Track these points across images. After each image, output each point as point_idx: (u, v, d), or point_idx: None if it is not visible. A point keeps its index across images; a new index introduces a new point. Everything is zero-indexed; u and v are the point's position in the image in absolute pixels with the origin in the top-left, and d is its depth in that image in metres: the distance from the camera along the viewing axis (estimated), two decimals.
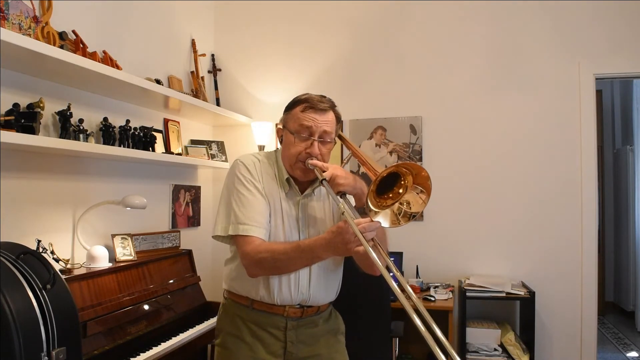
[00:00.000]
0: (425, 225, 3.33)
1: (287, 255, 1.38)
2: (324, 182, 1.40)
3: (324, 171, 1.43)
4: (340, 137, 1.64)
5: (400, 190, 1.32)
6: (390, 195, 1.33)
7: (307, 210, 1.54)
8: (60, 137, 2.09)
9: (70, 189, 2.30)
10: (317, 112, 1.48)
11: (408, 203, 1.32)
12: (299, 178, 1.53)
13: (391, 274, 1.16)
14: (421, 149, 3.36)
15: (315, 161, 1.46)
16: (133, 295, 2.22)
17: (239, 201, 1.47)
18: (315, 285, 1.51)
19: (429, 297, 2.93)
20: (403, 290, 1.12)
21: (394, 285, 1.10)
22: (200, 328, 2.46)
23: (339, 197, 1.37)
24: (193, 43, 3.44)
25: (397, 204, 1.32)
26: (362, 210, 1.34)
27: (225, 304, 1.61)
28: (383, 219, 1.31)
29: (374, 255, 1.17)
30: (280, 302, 1.48)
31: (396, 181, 1.33)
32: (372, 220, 1.27)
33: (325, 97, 1.53)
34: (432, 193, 1.34)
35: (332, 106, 1.53)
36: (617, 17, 3.07)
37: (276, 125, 2.67)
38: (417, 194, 1.31)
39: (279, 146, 1.60)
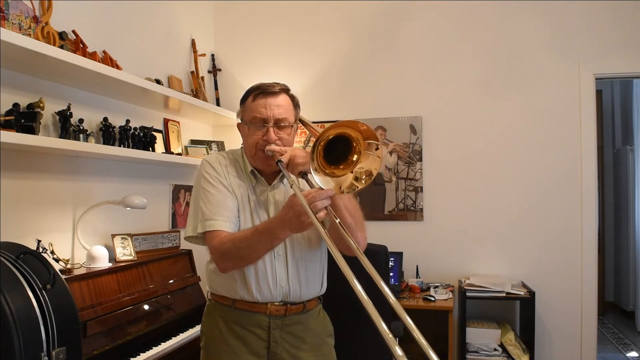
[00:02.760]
0: (425, 225, 3.34)
1: (248, 241, 1.35)
2: (279, 163, 1.39)
3: (282, 155, 1.40)
4: (302, 122, 1.60)
5: (354, 158, 1.24)
6: (342, 166, 1.25)
7: (276, 199, 1.51)
8: (60, 137, 2.09)
9: (70, 189, 2.29)
10: (268, 97, 1.47)
11: (370, 174, 1.23)
12: (262, 168, 1.51)
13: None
14: (421, 149, 3.36)
15: (272, 147, 1.44)
16: (133, 295, 2.22)
17: (205, 199, 1.46)
18: (294, 277, 1.48)
19: (429, 297, 2.93)
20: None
21: (344, 264, 1.04)
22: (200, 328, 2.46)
23: (300, 176, 1.35)
24: (193, 43, 3.44)
25: (349, 179, 1.23)
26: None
27: (208, 305, 1.60)
28: (324, 183, 1.22)
29: (319, 226, 1.13)
30: (260, 298, 1.45)
31: (350, 149, 1.24)
32: (322, 189, 1.21)
33: (278, 83, 1.52)
34: (433, 193, 1.31)
35: (285, 89, 1.51)
36: (617, 17, 3.07)
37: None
38: (374, 151, 1.22)
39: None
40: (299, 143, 3.34)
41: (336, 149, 1.23)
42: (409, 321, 0.97)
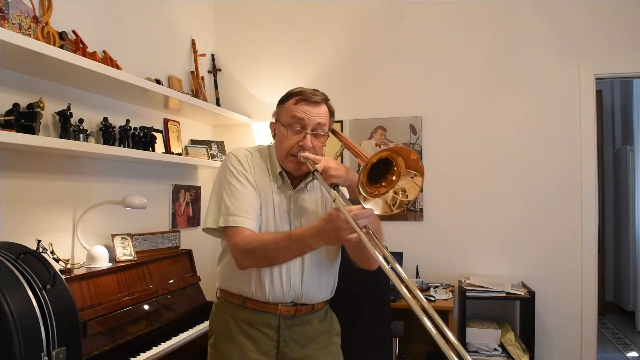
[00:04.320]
0: (425, 225, 3.33)
1: (277, 245, 1.35)
2: (315, 173, 1.39)
3: (316, 164, 1.41)
4: (334, 132, 1.61)
5: (394, 178, 1.27)
6: (384, 183, 1.28)
7: (299, 203, 1.52)
8: (60, 137, 2.09)
9: (70, 189, 2.30)
10: (310, 105, 1.47)
11: (404, 191, 1.27)
12: (292, 171, 1.52)
13: (389, 265, 1.14)
14: (421, 149, 3.36)
15: (307, 154, 1.44)
16: (133, 295, 2.22)
17: (230, 193, 1.45)
18: (308, 281, 1.49)
19: (429, 297, 2.93)
20: (407, 287, 1.10)
21: (393, 276, 1.07)
22: (200, 328, 2.46)
23: (332, 187, 1.36)
24: (193, 43, 3.44)
25: (391, 193, 1.28)
26: (356, 203, 1.31)
27: (217, 303, 1.60)
28: (374, 207, 1.26)
29: (368, 242, 1.14)
30: (272, 299, 1.46)
31: (389, 168, 1.28)
32: (364, 208, 1.23)
33: (318, 90, 1.52)
34: (433, 193, 1.32)
35: (325, 99, 1.52)
36: (617, 17, 3.07)
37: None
38: (411, 178, 1.26)
39: (273, 141, 1.59)
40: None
41: (376, 168, 1.26)
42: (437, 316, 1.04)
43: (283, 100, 1.54)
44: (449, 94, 3.33)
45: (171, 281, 2.55)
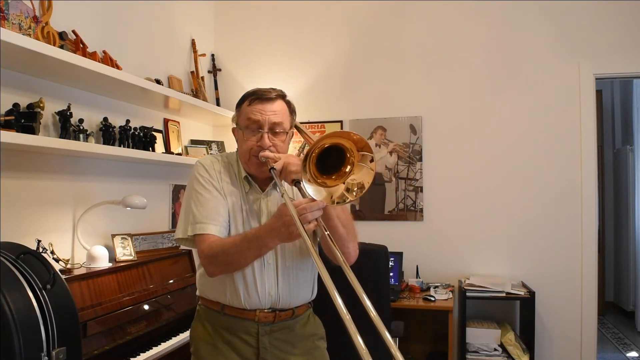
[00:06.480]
0: (425, 225, 3.34)
1: (237, 247, 1.33)
2: (272, 171, 1.36)
3: (276, 162, 1.38)
4: (297, 128, 1.58)
5: (347, 169, 1.22)
6: (334, 177, 1.23)
7: (269, 207, 1.49)
8: (60, 137, 2.09)
9: (70, 189, 2.29)
10: (264, 103, 1.45)
11: (361, 187, 1.21)
12: (256, 174, 1.49)
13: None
14: (421, 149, 3.36)
15: (266, 153, 1.42)
16: (133, 295, 2.22)
17: (196, 201, 1.44)
18: (283, 286, 1.46)
19: (429, 297, 2.93)
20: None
21: (326, 274, 1.02)
22: None
23: (293, 184, 1.33)
24: (193, 43, 3.44)
25: (341, 189, 1.21)
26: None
27: (198, 310, 1.59)
28: (317, 194, 1.19)
29: (307, 238, 1.11)
30: (249, 305, 1.44)
31: (342, 160, 1.22)
32: (314, 200, 1.18)
33: (275, 88, 1.50)
34: (433, 193, 1.29)
35: (281, 95, 1.49)
36: (617, 17, 3.07)
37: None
38: (368, 163, 1.20)
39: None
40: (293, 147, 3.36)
41: (330, 158, 1.22)
42: (388, 337, 0.96)
43: (239, 104, 1.51)
44: (449, 94, 3.33)
45: (171, 281, 2.55)
